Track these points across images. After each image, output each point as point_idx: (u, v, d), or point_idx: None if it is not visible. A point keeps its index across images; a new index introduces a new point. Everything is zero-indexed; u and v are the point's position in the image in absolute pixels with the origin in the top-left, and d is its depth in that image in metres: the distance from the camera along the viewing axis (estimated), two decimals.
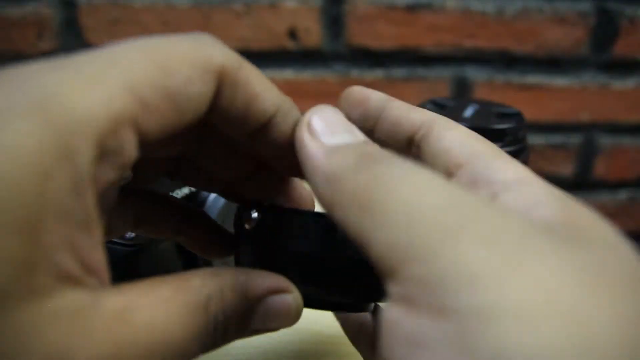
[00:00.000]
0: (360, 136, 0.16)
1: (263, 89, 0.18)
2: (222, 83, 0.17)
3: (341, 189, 0.13)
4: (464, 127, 0.19)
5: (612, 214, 0.65)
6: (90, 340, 0.12)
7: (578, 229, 0.13)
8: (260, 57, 0.55)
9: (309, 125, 0.17)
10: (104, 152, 0.12)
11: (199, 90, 0.15)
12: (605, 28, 0.56)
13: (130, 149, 0.13)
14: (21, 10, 0.52)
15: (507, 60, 0.57)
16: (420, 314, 0.11)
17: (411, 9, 0.54)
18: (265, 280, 0.17)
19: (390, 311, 0.12)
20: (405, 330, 0.11)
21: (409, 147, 0.20)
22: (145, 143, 0.14)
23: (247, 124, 0.17)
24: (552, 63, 0.57)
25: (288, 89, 0.56)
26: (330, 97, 0.57)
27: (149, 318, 0.13)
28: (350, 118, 0.19)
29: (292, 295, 0.18)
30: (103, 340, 0.12)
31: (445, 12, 0.55)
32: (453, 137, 0.18)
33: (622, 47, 0.57)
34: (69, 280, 0.12)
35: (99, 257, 0.13)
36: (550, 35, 0.56)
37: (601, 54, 0.57)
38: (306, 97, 0.57)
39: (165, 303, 0.14)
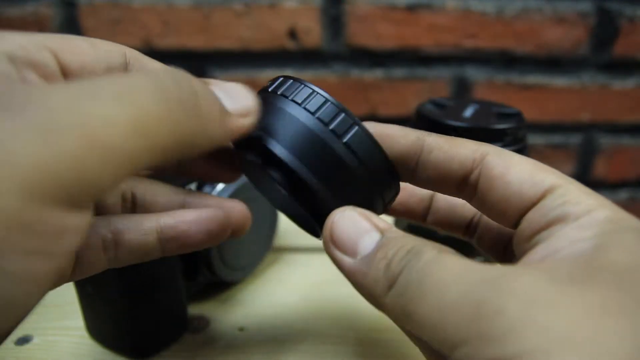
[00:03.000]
0: (380, 229, 0.17)
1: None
2: None
3: (382, 303, 0.16)
4: (522, 157, 0.18)
5: None
6: None
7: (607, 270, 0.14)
8: (260, 57, 0.55)
9: (334, 241, 0.18)
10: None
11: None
12: (605, 28, 0.56)
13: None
14: (21, 10, 0.52)
15: (507, 60, 0.57)
16: None
17: (411, 9, 0.54)
18: None
19: None
20: None
21: (461, 186, 0.20)
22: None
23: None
24: (552, 63, 0.57)
25: None
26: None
27: None
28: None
29: None
30: None
31: (445, 12, 0.55)
32: (520, 174, 0.18)
33: (622, 47, 0.57)
34: None
35: None
36: (550, 35, 0.56)
37: (601, 54, 0.57)
38: None
39: None
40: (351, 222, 0.17)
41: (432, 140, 0.19)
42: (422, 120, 0.35)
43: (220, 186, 0.32)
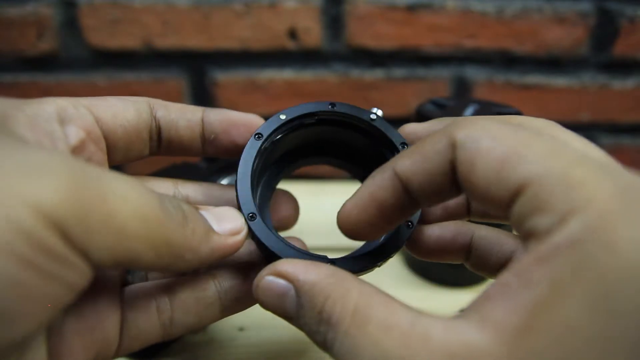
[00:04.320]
0: (295, 286, 0.18)
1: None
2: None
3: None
4: (489, 139, 0.15)
5: None
6: None
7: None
8: (260, 57, 0.55)
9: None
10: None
11: None
12: (605, 28, 0.56)
13: None
14: (21, 10, 0.52)
15: (507, 60, 0.57)
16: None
17: (411, 9, 0.54)
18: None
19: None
20: None
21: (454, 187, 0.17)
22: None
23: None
24: (552, 63, 0.57)
25: (288, 89, 0.56)
26: (330, 97, 0.57)
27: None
28: (372, 232, 0.20)
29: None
30: None
31: (445, 12, 0.55)
32: (484, 172, 0.15)
33: (622, 47, 0.57)
34: None
35: None
36: (550, 35, 0.56)
37: (601, 54, 0.57)
38: (306, 97, 0.57)
39: None
40: (267, 291, 0.18)
41: (402, 165, 0.18)
42: (422, 121, 0.35)
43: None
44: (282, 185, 0.27)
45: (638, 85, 0.59)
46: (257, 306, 0.34)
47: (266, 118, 0.23)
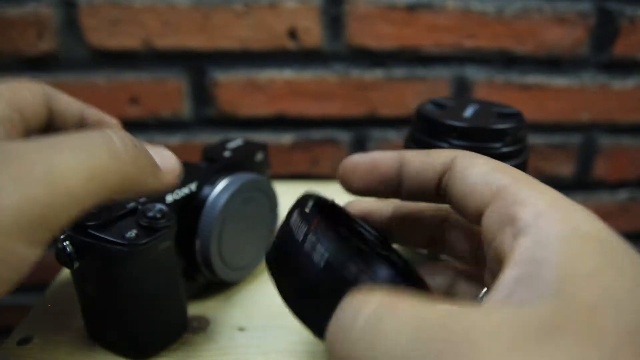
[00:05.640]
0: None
1: None
2: None
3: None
4: (486, 159, 0.19)
5: (612, 214, 0.65)
6: None
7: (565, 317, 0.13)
8: (260, 57, 0.55)
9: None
10: None
11: None
12: (605, 28, 0.56)
13: None
14: (21, 10, 0.52)
15: (507, 60, 0.57)
16: None
17: (411, 9, 0.54)
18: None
19: None
20: None
21: (439, 192, 0.21)
22: None
23: None
24: (552, 63, 0.57)
25: (288, 89, 0.56)
26: (330, 97, 0.57)
27: None
28: (360, 189, 0.23)
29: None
30: None
31: (445, 12, 0.55)
32: (476, 175, 0.19)
33: (622, 47, 0.57)
34: None
35: None
36: (550, 35, 0.56)
37: (601, 54, 0.57)
38: (306, 97, 0.57)
39: None
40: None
41: (410, 155, 0.22)
42: (422, 120, 0.35)
43: (221, 185, 0.32)
44: (282, 184, 0.27)
45: (638, 85, 0.59)
46: (257, 306, 0.34)
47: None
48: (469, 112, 0.35)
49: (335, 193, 0.26)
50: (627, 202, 0.65)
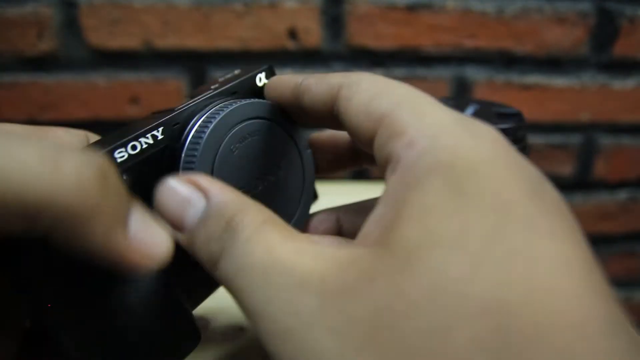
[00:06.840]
0: (206, 194, 0.17)
1: None
2: None
3: (216, 276, 0.16)
4: (372, 81, 0.18)
5: (612, 214, 0.65)
6: None
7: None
8: (260, 57, 0.55)
9: (163, 217, 0.17)
10: None
11: None
12: (605, 28, 0.56)
13: None
14: (21, 10, 0.52)
15: (507, 60, 0.57)
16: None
17: (411, 9, 0.54)
18: None
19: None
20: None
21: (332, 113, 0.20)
22: None
23: None
24: (552, 63, 0.57)
25: None
26: None
27: None
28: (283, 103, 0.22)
29: None
30: None
31: (445, 12, 0.55)
32: (357, 106, 0.17)
33: (622, 47, 0.57)
34: None
35: None
36: (550, 35, 0.56)
37: (601, 54, 0.57)
38: None
39: None
40: (171, 193, 0.17)
41: (306, 81, 0.20)
42: None
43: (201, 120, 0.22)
44: None
45: (638, 85, 0.59)
46: None
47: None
48: (469, 112, 0.35)
49: (335, 193, 0.26)
50: (627, 202, 0.65)
